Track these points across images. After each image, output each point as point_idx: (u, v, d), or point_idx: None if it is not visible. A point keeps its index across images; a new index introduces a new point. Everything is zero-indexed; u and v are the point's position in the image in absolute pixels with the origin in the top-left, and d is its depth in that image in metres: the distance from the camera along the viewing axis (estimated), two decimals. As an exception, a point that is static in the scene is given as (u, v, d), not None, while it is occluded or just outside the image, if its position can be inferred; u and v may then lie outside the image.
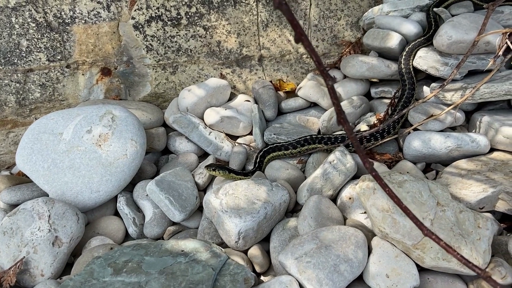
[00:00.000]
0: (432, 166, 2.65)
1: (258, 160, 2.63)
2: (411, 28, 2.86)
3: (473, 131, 2.73)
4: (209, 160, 2.75)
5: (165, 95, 3.28)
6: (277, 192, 2.30)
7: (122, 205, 2.50)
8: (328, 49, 3.42)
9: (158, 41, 3.15)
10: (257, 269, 2.14)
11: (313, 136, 2.64)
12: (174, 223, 2.44)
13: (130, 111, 2.68)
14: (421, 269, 1.97)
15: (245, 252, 2.19)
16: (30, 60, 2.99)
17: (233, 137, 3.02)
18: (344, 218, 2.29)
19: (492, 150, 2.58)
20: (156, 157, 2.97)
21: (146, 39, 3.12)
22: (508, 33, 2.27)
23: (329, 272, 1.86)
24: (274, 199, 2.26)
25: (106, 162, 2.51)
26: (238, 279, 1.82)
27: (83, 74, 3.13)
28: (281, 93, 3.24)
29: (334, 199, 2.40)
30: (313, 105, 3.13)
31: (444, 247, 1.30)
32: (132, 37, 3.10)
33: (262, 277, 2.16)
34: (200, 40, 3.20)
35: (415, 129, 2.70)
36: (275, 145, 2.66)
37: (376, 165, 2.48)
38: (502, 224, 2.29)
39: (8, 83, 2.98)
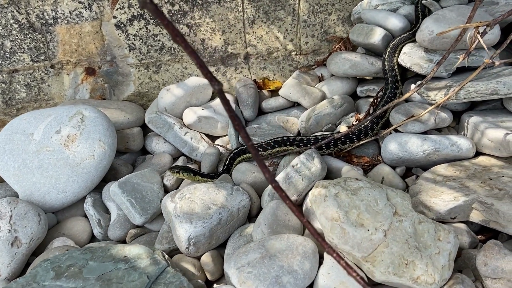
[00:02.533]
0: (413, 170, 2.47)
1: (227, 162, 2.55)
2: (396, 22, 2.68)
3: (462, 133, 2.53)
4: (179, 162, 2.69)
5: (149, 95, 3.24)
6: (236, 197, 2.21)
7: (88, 206, 2.48)
8: (318, 46, 3.27)
9: (141, 40, 3.11)
10: (209, 277, 2.07)
11: (285, 138, 2.52)
12: (136, 226, 2.40)
13: (101, 112, 2.66)
14: (374, 284, 1.83)
15: (199, 258, 2.12)
16: (15, 61, 3.03)
17: (212, 138, 2.95)
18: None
19: (479, 154, 2.38)
20: (134, 157, 2.95)
21: (128, 38, 3.09)
22: (479, 27, 2.06)
23: (269, 284, 1.76)
24: (232, 204, 2.18)
25: (73, 163, 2.50)
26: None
27: (67, 74, 3.15)
28: (265, 92, 3.13)
29: (300, 204, 2.29)
30: (296, 104, 3.01)
31: (344, 267, 1.18)
32: (114, 37, 3.09)
33: (215, 285, 2.08)
34: (183, 39, 3.14)
35: (396, 131, 2.53)
36: (245, 147, 2.57)
37: (346, 169, 2.34)
38: (479, 236, 2.10)
39: (-6, 83, 3.04)
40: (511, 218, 1.87)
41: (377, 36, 2.68)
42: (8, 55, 3.01)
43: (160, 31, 3.11)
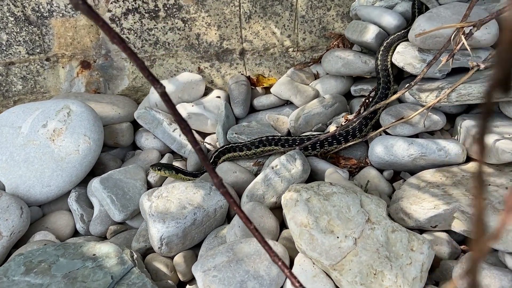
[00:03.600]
0: (402, 174, 2.39)
1: (212, 160, 2.51)
2: (390, 20, 2.58)
3: (455, 137, 2.42)
4: (165, 159, 2.67)
5: (144, 89, 3.23)
6: (214, 197, 2.17)
7: (71, 201, 2.49)
8: (316, 42, 3.19)
9: (135, 34, 3.10)
10: (181, 277, 2.04)
11: (270, 138, 2.47)
12: (117, 222, 2.39)
13: (88, 106, 2.66)
14: (343, 293, 1.77)
15: (173, 258, 2.09)
16: (11, 53, 3.06)
17: (203, 134, 2.92)
18: (286, 228, 2.12)
19: (470, 159, 2.28)
20: (124, 152, 2.94)
21: (123, 32, 3.08)
22: (464, 28, 1.96)
23: (234, 289, 1.72)
24: (208, 204, 2.14)
25: (58, 157, 2.51)
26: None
27: (63, 67, 3.16)
28: (259, 89, 3.08)
29: (279, 207, 2.23)
30: (289, 103, 2.94)
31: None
32: (109, 30, 3.07)
33: (187, 286, 2.05)
34: (178, 33, 3.11)
35: (387, 133, 2.44)
36: (230, 145, 2.52)
37: (329, 171, 2.27)
38: (462, 246, 2.01)
39: (-9, 75, 3.08)
40: (492, 230, 1.78)
41: (370, 34, 2.59)
42: (4, 48, 3.04)
43: (154, 25, 3.09)
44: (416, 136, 2.43)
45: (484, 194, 0.59)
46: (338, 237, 1.74)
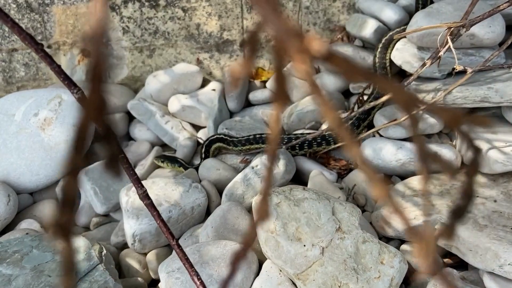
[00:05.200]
0: (393, 178, 2.28)
1: (204, 150, 2.47)
2: (390, 14, 2.44)
3: (454, 141, 2.29)
4: (153, 152, 2.64)
5: (143, 79, 3.20)
6: (192, 195, 2.13)
7: (58, 190, 2.50)
8: (320, 35, 3.07)
9: (135, 23, 3.06)
10: (152, 275, 2.02)
11: (257, 136, 2.40)
12: (100, 215, 2.39)
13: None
14: (308, 303, 1.70)
15: (146, 255, 2.07)
16: (13, 40, 3.09)
17: (198, 127, 2.87)
18: (264, 230, 2.05)
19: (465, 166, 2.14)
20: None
21: (122, 20, 3.05)
22: (452, 29, 1.81)
23: (195, 292, 1.68)
24: (185, 202, 2.10)
25: (47, 146, 2.52)
26: (94, 287, 1.72)
27: (64, 55, 3.17)
28: (257, 82, 2.99)
29: (261, 207, 2.17)
30: (285, 97, 2.84)
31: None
32: (109, 19, 3.06)
33: (159, 284, 2.03)
34: (178, 23, 3.06)
35: (381, 136, 2.33)
36: (221, 135, 2.47)
37: (314, 173, 2.19)
38: (446, 259, 1.90)
39: (-6, 61, 3.12)
40: (471, 246, 1.67)
41: (368, 29, 2.46)
42: (7, 34, 3.07)
43: (154, 14, 3.04)
44: (408, 139, 2.31)
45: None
46: (305, 245, 1.67)
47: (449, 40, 1.78)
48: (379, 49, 2.44)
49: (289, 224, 1.72)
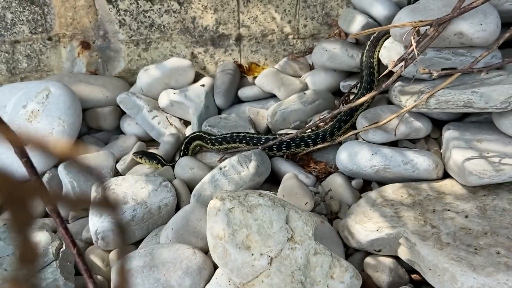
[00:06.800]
0: (372, 185, 2.16)
1: (183, 147, 2.44)
2: (379, 10, 2.30)
3: (442, 148, 2.14)
4: (135, 148, 2.62)
5: (139, 73, 3.19)
6: (160, 194, 2.10)
7: (45, 181, 2.54)
8: (317, 30, 2.96)
9: (131, 16, 3.05)
10: (114, 273, 2.01)
11: (234, 134, 2.33)
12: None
13: (68, 89, 2.66)
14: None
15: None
16: (15, 32, 3.15)
17: (188, 123, 2.83)
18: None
19: (448, 176, 1.99)
20: (109, 136, 2.94)
21: (119, 13, 3.04)
22: (418, 28, 1.66)
23: (141, 296, 1.65)
24: (152, 201, 2.08)
25: (33, 139, 2.56)
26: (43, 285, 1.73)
27: (64, 47, 3.21)
28: (249, 78, 2.92)
29: (231, 208, 2.11)
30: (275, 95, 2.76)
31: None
32: (106, 11, 3.06)
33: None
34: (174, 16, 3.02)
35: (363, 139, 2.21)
36: (201, 133, 2.42)
37: (287, 176, 2.09)
38: (414, 276, 1.77)
39: (-2, 52, 3.20)
40: (429, 265, 1.55)
41: (356, 25, 2.33)
42: (9, 26, 3.13)
43: (150, 7, 3.02)
44: (395, 144, 2.18)
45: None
46: (253, 254, 1.60)
47: (413, 41, 1.64)
48: (367, 47, 2.30)
49: (240, 231, 1.65)
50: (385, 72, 1.83)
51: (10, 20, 3.12)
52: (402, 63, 1.99)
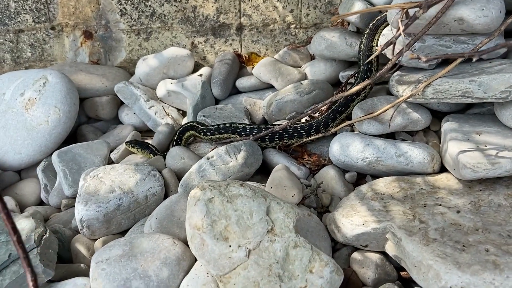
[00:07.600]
0: (366, 178, 2.08)
1: (176, 137, 2.40)
2: (378, -4, 2.21)
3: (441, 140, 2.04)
4: (129, 137, 2.60)
5: (138, 62, 3.16)
6: (148, 183, 2.06)
7: (39, 170, 2.53)
8: (320, 19, 2.87)
9: (132, 5, 3.02)
10: (99, 262, 1.98)
11: (227, 125, 2.28)
12: (69, 196, 2.39)
13: (65, 78, 2.66)
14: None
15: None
16: (19, 21, 3.16)
17: (184, 113, 2.79)
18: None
19: (446, 170, 1.90)
20: (108, 125, 2.92)
21: (120, 2, 3.02)
22: (406, 10, 1.56)
23: (117, 286, 1.62)
24: (139, 190, 2.05)
25: (30, 126, 2.56)
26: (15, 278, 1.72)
27: (67, 37, 3.20)
28: (249, 68, 2.85)
29: (220, 200, 2.06)
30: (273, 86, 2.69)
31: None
32: (108, 0, 3.03)
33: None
34: (174, 5, 2.98)
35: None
36: (194, 123, 2.38)
37: (278, 167, 2.02)
38: (403, 273, 1.69)
39: (3, 42, 3.21)
40: (414, 262, 1.46)
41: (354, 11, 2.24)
42: (13, 15, 3.14)
43: (151, -4, 2.99)
44: (392, 136, 2.09)
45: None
46: (230, 246, 1.55)
47: (400, 25, 1.55)
48: (365, 36, 2.21)
49: (219, 221, 1.60)
50: (370, 58, 1.74)
51: (13, 9, 3.13)
52: (396, 49, 1.90)
